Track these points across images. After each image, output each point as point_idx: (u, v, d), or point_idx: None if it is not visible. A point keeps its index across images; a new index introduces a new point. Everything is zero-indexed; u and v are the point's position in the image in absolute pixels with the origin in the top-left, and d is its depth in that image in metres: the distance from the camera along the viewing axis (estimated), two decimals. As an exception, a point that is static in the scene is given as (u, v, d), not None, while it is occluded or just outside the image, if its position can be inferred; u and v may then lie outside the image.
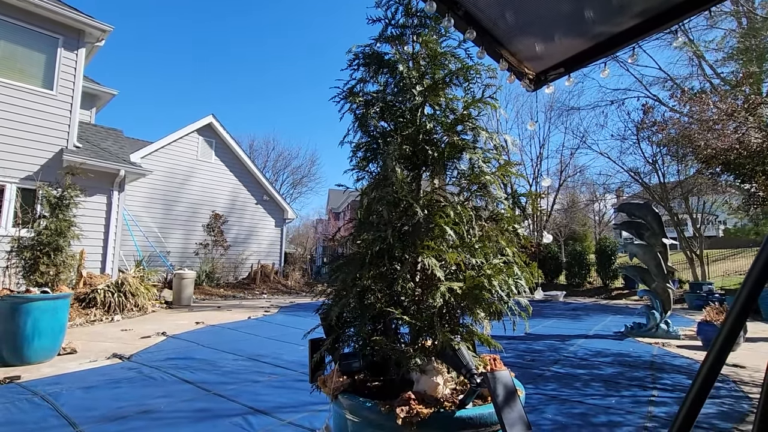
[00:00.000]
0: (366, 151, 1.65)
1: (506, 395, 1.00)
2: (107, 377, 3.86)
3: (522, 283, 1.42)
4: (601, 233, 24.96)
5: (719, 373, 0.87)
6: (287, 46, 59.68)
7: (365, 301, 1.45)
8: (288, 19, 57.74)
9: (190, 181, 14.35)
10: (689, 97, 10.12)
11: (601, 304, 12.65)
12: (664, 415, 3.15)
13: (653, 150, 15.30)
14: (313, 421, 2.86)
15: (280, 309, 9.46)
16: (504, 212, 1.64)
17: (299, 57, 61.29)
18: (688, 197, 15.34)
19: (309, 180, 35.62)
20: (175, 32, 55.07)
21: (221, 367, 4.27)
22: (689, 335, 6.70)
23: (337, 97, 1.68)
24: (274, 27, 57.71)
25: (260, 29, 57.42)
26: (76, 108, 8.82)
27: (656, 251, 6.73)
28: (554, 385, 3.91)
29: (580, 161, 32.10)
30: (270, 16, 56.67)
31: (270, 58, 59.88)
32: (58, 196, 4.86)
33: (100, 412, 2.99)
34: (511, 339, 6.14)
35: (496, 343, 1.41)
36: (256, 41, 58.48)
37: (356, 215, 1.63)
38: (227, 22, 54.95)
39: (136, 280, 8.18)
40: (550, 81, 1.25)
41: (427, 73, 1.63)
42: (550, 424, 2.96)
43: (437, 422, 1.10)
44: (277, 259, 16.55)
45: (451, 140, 1.54)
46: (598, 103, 16.36)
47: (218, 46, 57.32)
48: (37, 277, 4.56)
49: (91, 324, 6.69)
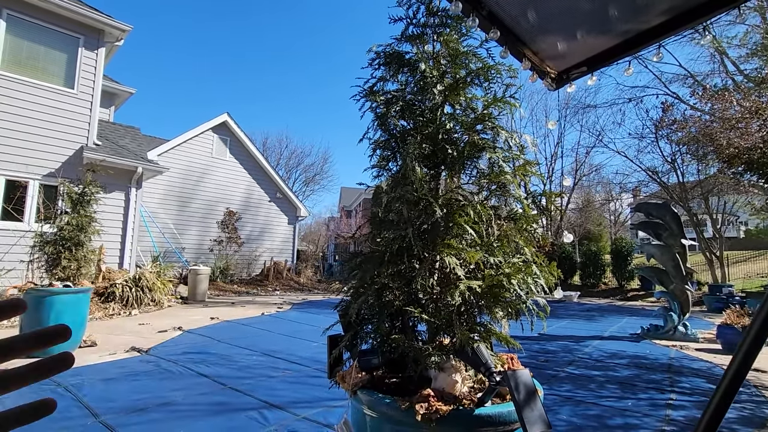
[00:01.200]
0: (385, 149, 1.66)
1: (526, 394, 1.00)
2: (126, 370, 3.95)
3: (541, 282, 1.42)
4: (617, 233, 24.56)
5: (744, 378, 0.86)
6: (302, 47, 60.01)
7: (383, 299, 1.46)
8: (304, 21, 58.01)
9: (205, 179, 14.55)
10: (711, 94, 9.87)
11: (617, 306, 12.46)
12: (683, 419, 3.10)
13: (672, 149, 14.99)
14: (327, 417, 2.89)
15: (293, 306, 9.55)
16: (522, 212, 1.63)
17: (314, 57, 61.52)
18: (708, 197, 14.99)
19: (321, 178, 35.84)
20: (190, 32, 55.83)
21: (236, 362, 4.33)
22: (708, 338, 6.57)
23: (358, 95, 1.69)
24: (288, 28, 58.05)
25: (275, 30, 57.83)
26: (96, 106, 9.02)
27: (675, 252, 6.60)
28: (569, 386, 3.87)
29: (595, 160, 31.62)
30: (284, 19, 57.06)
31: (285, 58, 60.28)
32: (80, 192, 4.98)
33: (121, 403, 3.07)
34: (525, 339, 6.10)
35: (515, 342, 1.41)
36: (272, 40, 58.95)
37: (373, 213, 1.65)
38: (242, 23, 55.49)
39: (153, 275, 8.34)
40: (572, 80, 1.24)
41: (448, 73, 1.63)
42: (565, 425, 2.94)
43: (456, 419, 1.11)
44: (290, 256, 16.69)
45: (471, 139, 1.54)
46: (615, 100, 16.13)
47: (232, 47, 57.94)
48: (59, 272, 4.69)
49: (110, 318, 6.85)
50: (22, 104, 8.13)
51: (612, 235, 24.76)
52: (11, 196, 7.97)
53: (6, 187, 7.98)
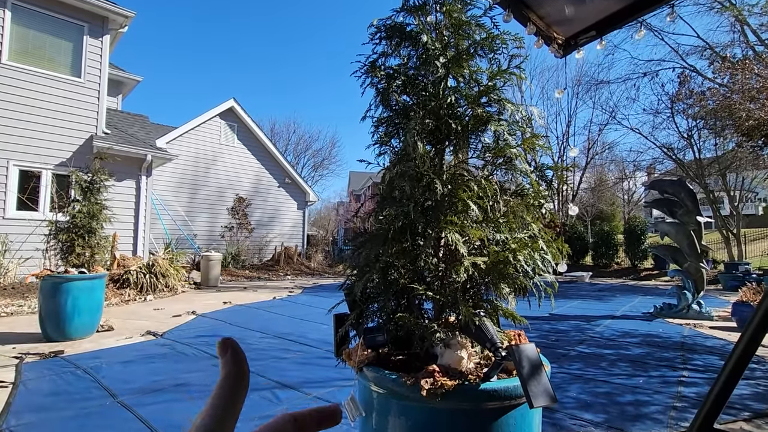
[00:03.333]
0: (388, 126, 1.62)
1: (531, 367, 0.99)
2: (142, 353, 4.05)
3: (548, 258, 1.39)
4: (630, 212, 24.18)
5: (755, 353, 0.83)
6: (309, 31, 59.16)
7: (389, 277, 1.45)
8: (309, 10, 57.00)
9: (214, 165, 14.62)
10: (730, 64, 9.49)
11: (629, 285, 12.35)
12: (695, 395, 3.08)
13: (689, 124, 14.57)
14: (337, 396, 2.93)
15: (304, 290, 9.66)
16: (529, 187, 1.59)
17: (321, 42, 60.67)
18: (726, 173, 14.60)
19: (330, 163, 35.78)
20: (193, 20, 55.35)
21: (249, 345, 4.41)
22: (723, 316, 6.48)
23: (359, 71, 1.64)
24: (295, 17, 57.16)
25: (281, 17, 57.03)
26: (103, 95, 9.05)
27: (689, 230, 6.47)
28: (579, 365, 3.87)
29: (608, 138, 30.91)
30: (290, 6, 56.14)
31: (292, 41, 59.58)
32: (89, 180, 5.03)
33: (138, 384, 3.15)
34: (535, 319, 6.09)
35: (521, 318, 1.39)
36: (278, 26, 58.20)
37: (378, 191, 1.62)
38: (246, 9, 54.78)
39: (166, 261, 8.48)
40: (580, 45, 1.18)
41: (451, 44, 1.57)
42: (574, 402, 2.94)
43: (461, 394, 1.10)
44: (300, 241, 16.82)
45: (476, 113, 1.49)
46: (630, 75, 15.56)
47: (237, 33, 57.37)
48: (73, 259, 4.78)
49: (126, 303, 7.01)
50: (31, 94, 8.19)
51: (625, 215, 24.40)
52: (26, 187, 8.12)
53: (20, 178, 8.12)
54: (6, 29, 7.94)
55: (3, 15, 7.91)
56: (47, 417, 2.59)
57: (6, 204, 7.88)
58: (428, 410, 1.16)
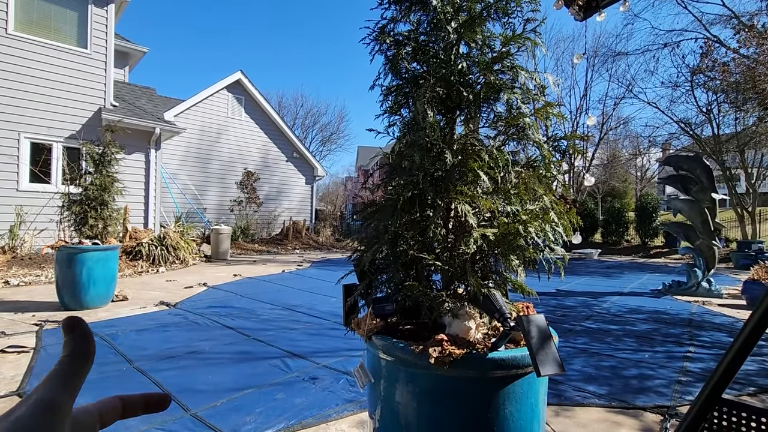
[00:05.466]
0: (397, 95, 1.58)
1: (540, 336, 0.99)
2: (156, 322, 4.17)
3: (559, 230, 1.37)
4: (643, 189, 23.79)
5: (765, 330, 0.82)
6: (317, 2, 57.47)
7: (397, 248, 1.44)
8: None
9: (222, 139, 14.59)
10: (757, 34, 9.04)
11: (638, 263, 12.29)
12: (700, 370, 3.10)
13: (708, 98, 14.07)
14: (346, 365, 3.00)
15: (312, 264, 9.78)
16: (541, 158, 1.55)
17: (329, 11, 58.97)
18: (744, 150, 14.19)
19: (338, 137, 35.46)
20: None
21: (259, 316, 4.51)
22: (733, 294, 6.44)
23: (368, 38, 1.59)
24: None
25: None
26: (110, 66, 8.98)
27: (704, 207, 6.35)
28: (585, 340, 3.90)
29: (624, 112, 30.10)
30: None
31: (300, 12, 58.03)
32: (101, 153, 5.06)
33: (152, 351, 3.25)
34: (542, 295, 6.12)
35: (530, 290, 1.39)
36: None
37: (387, 161, 1.60)
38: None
39: (177, 234, 8.61)
40: (602, 6, 1.12)
41: (463, 8, 1.50)
42: (578, 375, 2.98)
43: (469, 362, 1.11)
44: (308, 216, 16.91)
45: (488, 80, 1.44)
46: (649, 47, 14.98)
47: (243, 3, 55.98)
48: (87, 230, 4.87)
49: (139, 275, 7.18)
50: (38, 65, 8.16)
51: (637, 192, 24.02)
52: (37, 159, 8.20)
53: (32, 150, 8.20)
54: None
55: (7, -17, 7.79)
56: (67, 380, 2.69)
57: (19, 176, 7.99)
58: (435, 377, 1.18)
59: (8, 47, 7.85)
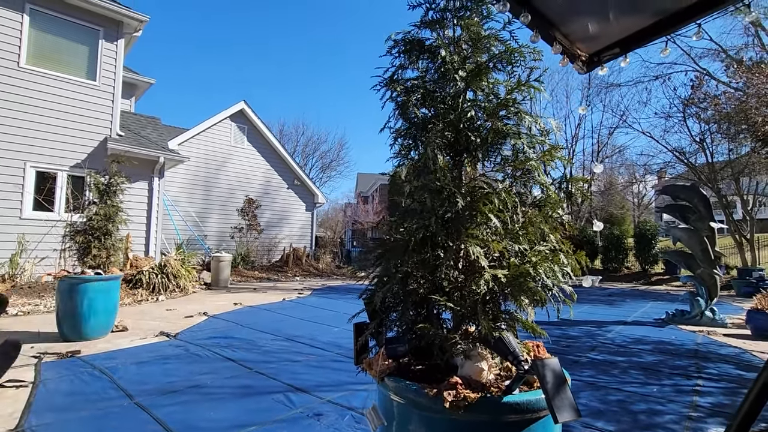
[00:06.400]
0: (406, 138, 1.64)
1: (556, 382, 1.00)
2: (157, 354, 4.11)
3: (568, 270, 1.40)
4: (641, 216, 23.93)
5: None
6: (318, 36, 59.48)
7: (408, 287, 1.47)
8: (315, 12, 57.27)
9: (225, 167, 14.77)
10: (746, 68, 9.36)
11: (640, 290, 12.23)
12: (710, 405, 3.05)
13: (701, 128, 14.38)
14: (351, 400, 2.95)
15: (313, 291, 9.71)
16: (547, 197, 1.60)
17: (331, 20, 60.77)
18: (739, 178, 14.39)
19: (338, 164, 35.91)
20: (205, 22, 55.94)
21: (260, 347, 4.45)
22: (737, 323, 6.40)
23: (378, 85, 1.67)
24: (305, 17, 57.51)
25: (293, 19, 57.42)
26: (117, 97, 9.20)
27: (703, 236, 6.40)
28: (591, 372, 3.85)
29: (618, 141, 30.63)
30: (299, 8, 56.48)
31: (300, 42, 59.92)
32: (106, 183, 5.13)
33: (153, 385, 3.20)
34: (546, 324, 6.05)
35: (541, 331, 1.40)
36: (287, 28, 58.62)
37: (395, 202, 1.64)
38: (255, 12, 55.25)
39: (178, 262, 8.58)
40: (604, 62, 1.19)
41: (470, 58, 1.59)
42: (585, 410, 2.93)
43: (484, 407, 1.12)
44: (309, 242, 16.90)
45: (494, 126, 1.51)
46: (641, 78, 15.46)
47: (248, 33, 57.86)
48: (90, 260, 4.87)
49: (138, 303, 7.11)
50: (47, 97, 8.35)
51: (635, 218, 24.16)
52: (41, 188, 8.27)
53: (36, 179, 8.28)
54: (24, 34, 8.11)
55: (21, 20, 8.08)
56: (67, 417, 2.64)
57: (23, 205, 8.03)
58: (449, 421, 1.18)
59: (19, 80, 8.06)
